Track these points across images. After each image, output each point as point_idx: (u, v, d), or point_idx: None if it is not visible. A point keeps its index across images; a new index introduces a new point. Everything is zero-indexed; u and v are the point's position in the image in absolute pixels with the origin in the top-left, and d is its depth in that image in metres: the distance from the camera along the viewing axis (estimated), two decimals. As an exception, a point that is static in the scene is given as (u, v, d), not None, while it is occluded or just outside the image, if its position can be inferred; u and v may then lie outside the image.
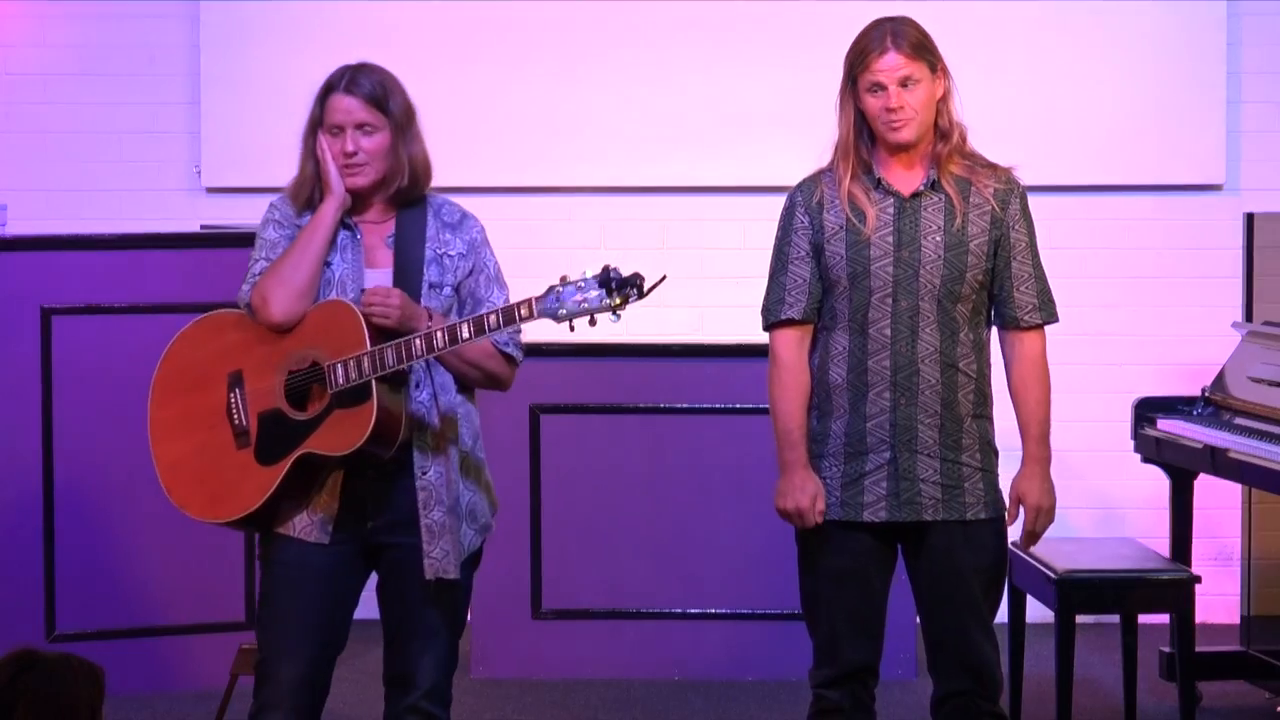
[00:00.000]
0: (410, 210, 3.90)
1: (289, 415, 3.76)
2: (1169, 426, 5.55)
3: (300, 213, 3.89)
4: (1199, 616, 5.24)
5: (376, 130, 3.84)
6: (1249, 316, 5.84)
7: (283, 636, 3.84)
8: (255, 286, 3.83)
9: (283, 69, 6.96)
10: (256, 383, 3.80)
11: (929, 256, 3.94)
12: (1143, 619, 5.35)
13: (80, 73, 7.08)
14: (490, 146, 6.94)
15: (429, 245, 3.87)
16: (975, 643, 4.00)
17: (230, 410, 3.82)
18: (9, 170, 7.03)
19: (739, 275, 6.64)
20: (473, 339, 3.68)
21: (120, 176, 7.07)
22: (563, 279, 3.61)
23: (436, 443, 3.83)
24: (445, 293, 3.86)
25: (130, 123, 7.08)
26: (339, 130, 3.84)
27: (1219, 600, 6.67)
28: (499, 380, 3.91)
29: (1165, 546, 5.67)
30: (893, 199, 3.98)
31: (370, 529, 3.85)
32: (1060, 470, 6.94)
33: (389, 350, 3.68)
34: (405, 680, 3.89)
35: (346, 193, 3.85)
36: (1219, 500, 6.38)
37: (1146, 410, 5.68)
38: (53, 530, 5.71)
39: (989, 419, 4.05)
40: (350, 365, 3.69)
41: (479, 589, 4.23)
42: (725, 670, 6.07)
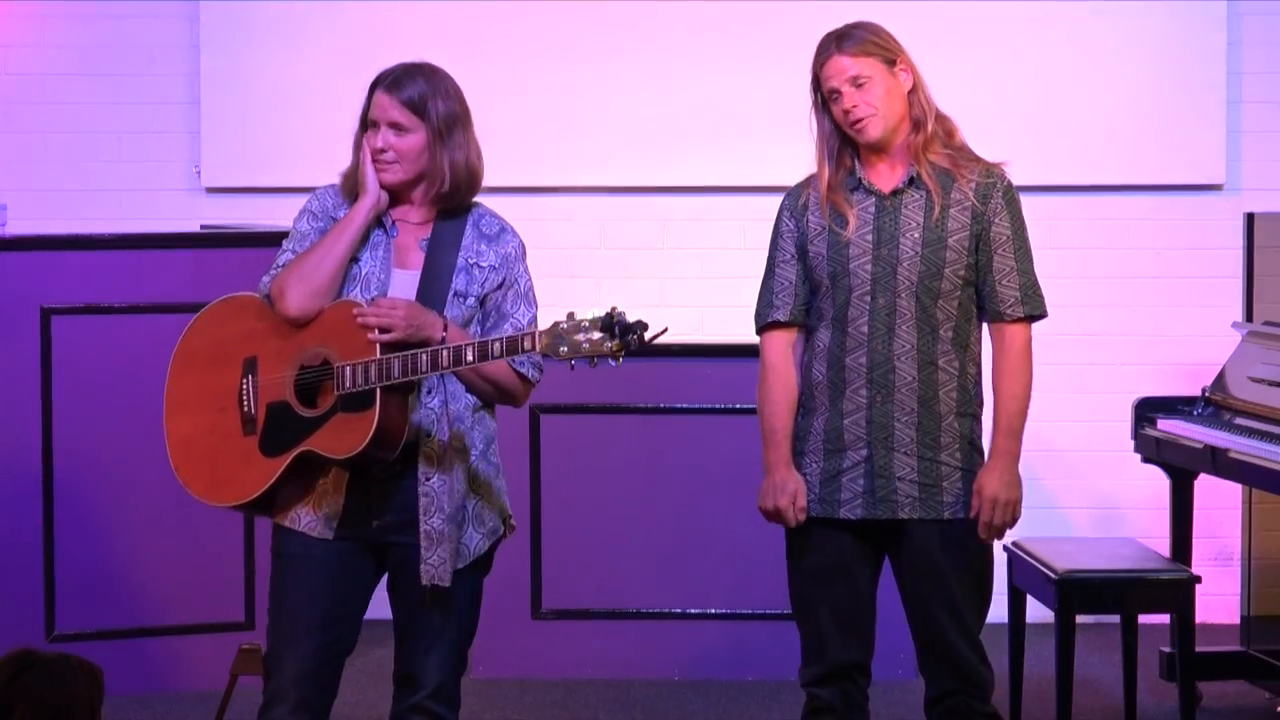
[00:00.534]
0: (451, 216, 3.90)
1: (296, 410, 3.77)
2: (1169, 426, 5.55)
3: (343, 204, 3.89)
4: (1199, 616, 5.23)
5: (409, 132, 3.84)
6: (1249, 316, 5.84)
7: (288, 629, 3.85)
8: (275, 278, 3.83)
9: (283, 69, 6.97)
10: (270, 373, 3.80)
11: (907, 253, 3.94)
12: (1143, 619, 5.35)
13: (80, 73, 7.08)
14: (490, 146, 6.78)
15: (462, 254, 3.87)
16: (953, 643, 3.99)
17: (241, 395, 3.83)
18: (9, 170, 7.02)
19: (739, 275, 6.60)
20: (475, 363, 3.69)
21: (120, 176, 7.07)
22: (569, 315, 3.61)
23: (443, 450, 3.83)
24: (469, 302, 3.86)
25: (130, 123, 7.07)
26: (375, 126, 3.85)
27: (1219, 600, 6.67)
28: (512, 396, 3.92)
29: (1165, 546, 5.67)
30: (873, 198, 3.99)
31: (376, 528, 3.85)
32: (1060, 470, 7.08)
33: (396, 361, 3.68)
34: (412, 679, 3.90)
35: (383, 193, 3.85)
36: (1219, 500, 6.38)
37: (1146, 410, 5.68)
38: (53, 530, 5.70)
39: (974, 417, 4.01)
40: (358, 370, 3.70)
41: (478, 589, 4.23)
42: (725, 670, 6.06)
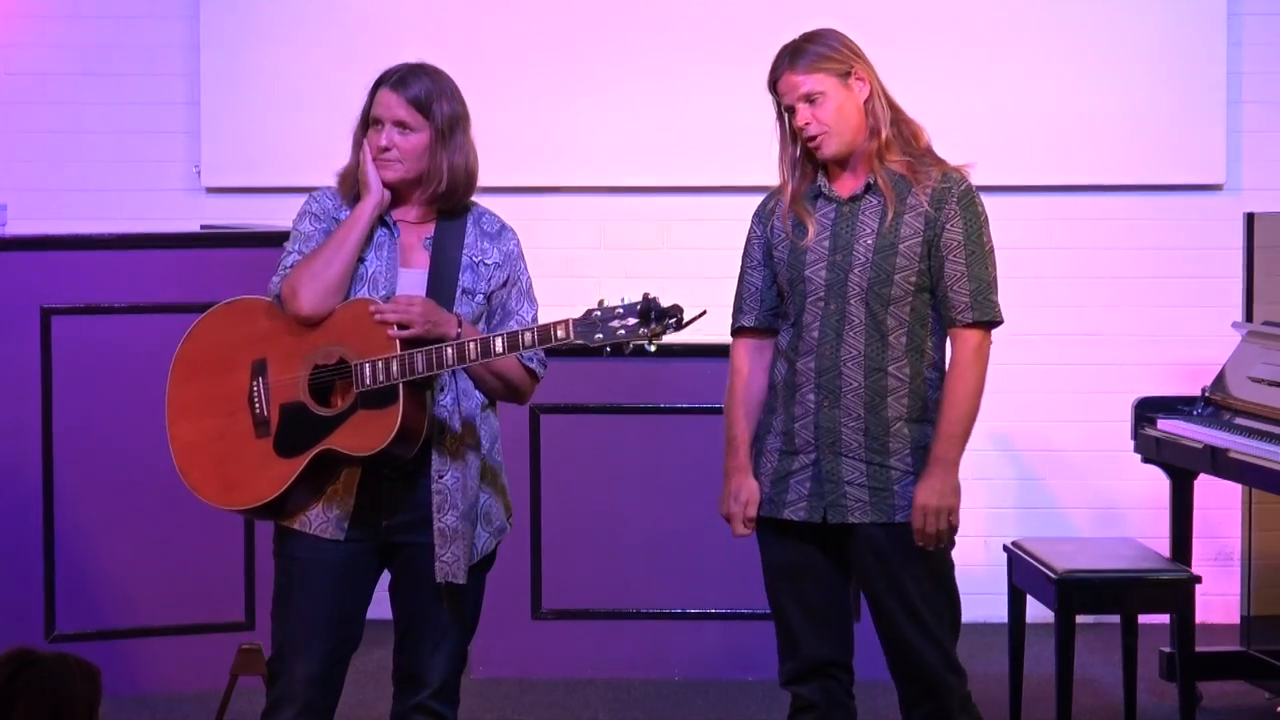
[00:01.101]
0: (452, 216, 3.90)
1: (312, 410, 3.76)
2: (1169, 426, 5.55)
3: (343, 205, 3.90)
4: (1199, 616, 5.23)
5: (413, 131, 3.84)
6: (1249, 316, 5.83)
7: (297, 632, 3.84)
8: (286, 278, 3.82)
9: (283, 68, 6.97)
10: (281, 373, 3.79)
11: (859, 259, 3.93)
12: (1143, 619, 5.35)
13: (80, 73, 7.08)
14: (490, 146, 6.81)
15: (466, 252, 3.87)
16: (912, 645, 3.97)
17: (252, 398, 3.81)
18: (9, 170, 7.02)
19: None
20: (504, 354, 3.69)
21: (120, 176, 7.07)
22: (600, 303, 3.63)
23: (456, 447, 3.83)
24: (477, 300, 3.86)
25: (130, 123, 7.07)
26: (379, 123, 3.85)
27: (1219, 600, 6.67)
28: (519, 392, 3.92)
29: (1165, 546, 5.67)
30: (833, 204, 3.99)
31: (385, 527, 3.85)
32: (1060, 470, 7.07)
33: (419, 356, 3.68)
34: (414, 679, 3.90)
35: (386, 192, 3.85)
36: (1219, 500, 6.38)
37: (1146, 410, 5.69)
38: (53, 530, 5.70)
39: (931, 423, 3.95)
40: (379, 366, 3.69)
41: (479, 589, 4.23)
42: (725, 670, 6.06)
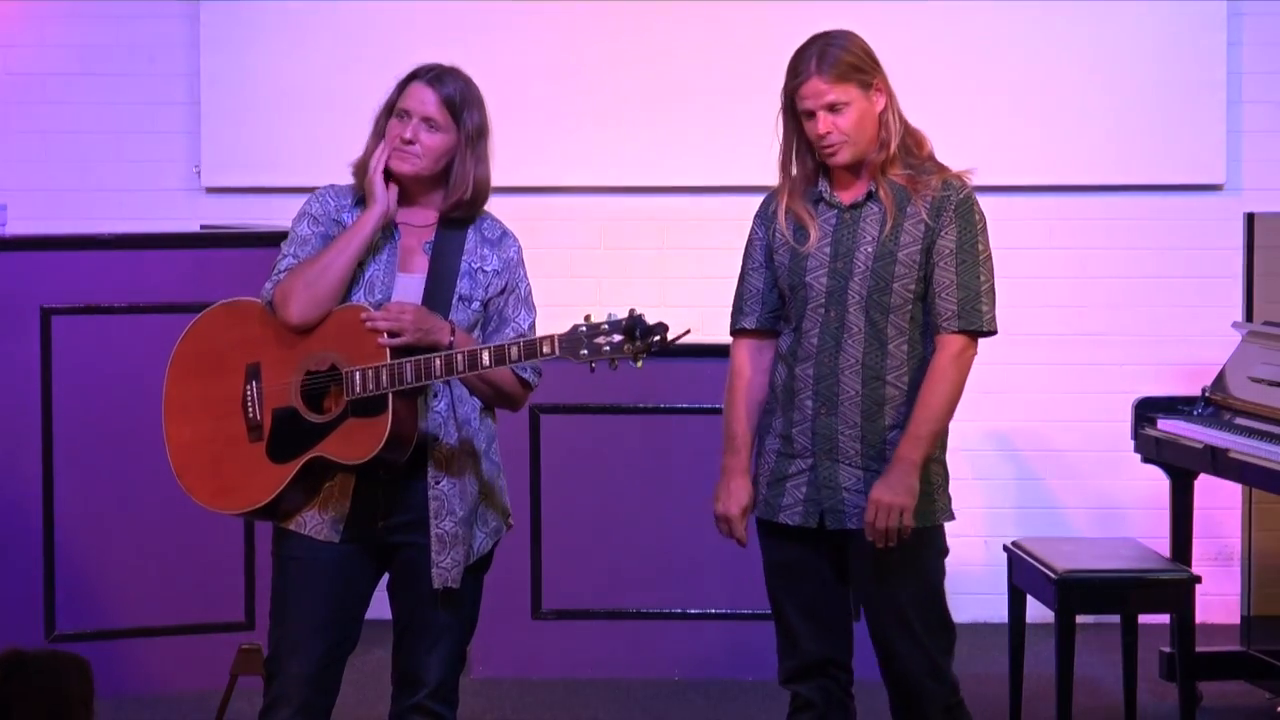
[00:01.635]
0: (455, 222, 3.89)
1: (304, 416, 3.76)
2: (1169, 426, 5.55)
3: (347, 204, 3.88)
4: (1199, 616, 5.23)
5: (439, 130, 3.84)
6: (1249, 316, 5.83)
7: (293, 633, 3.85)
8: (279, 284, 3.80)
9: (283, 68, 6.97)
10: (274, 379, 3.79)
11: (859, 268, 3.91)
12: (1143, 619, 5.35)
13: (80, 73, 7.08)
14: (492, 146, 6.91)
15: (466, 258, 3.86)
16: (898, 652, 3.97)
17: (245, 402, 3.82)
18: (9, 170, 7.02)
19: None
20: (491, 367, 3.69)
21: (120, 176, 7.07)
22: (586, 319, 3.62)
23: (451, 453, 3.83)
24: (474, 307, 3.86)
25: (130, 123, 7.07)
26: (407, 115, 3.83)
27: (1219, 600, 6.67)
28: (512, 400, 3.92)
29: (1165, 546, 5.67)
30: (834, 210, 3.97)
31: (381, 529, 3.85)
32: (1060, 470, 7.07)
33: (409, 365, 3.67)
34: (412, 679, 3.90)
35: (393, 204, 3.83)
36: (1219, 500, 6.38)
37: (1146, 410, 5.68)
38: (52, 530, 5.70)
39: None
40: (369, 375, 3.69)
41: (478, 589, 4.23)
42: (725, 670, 6.06)
